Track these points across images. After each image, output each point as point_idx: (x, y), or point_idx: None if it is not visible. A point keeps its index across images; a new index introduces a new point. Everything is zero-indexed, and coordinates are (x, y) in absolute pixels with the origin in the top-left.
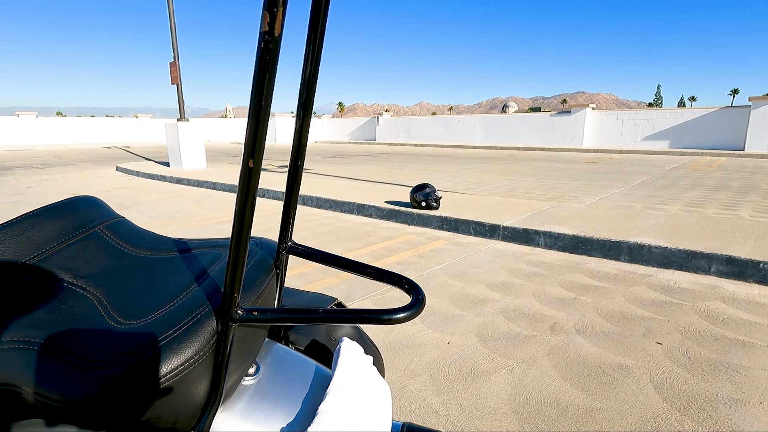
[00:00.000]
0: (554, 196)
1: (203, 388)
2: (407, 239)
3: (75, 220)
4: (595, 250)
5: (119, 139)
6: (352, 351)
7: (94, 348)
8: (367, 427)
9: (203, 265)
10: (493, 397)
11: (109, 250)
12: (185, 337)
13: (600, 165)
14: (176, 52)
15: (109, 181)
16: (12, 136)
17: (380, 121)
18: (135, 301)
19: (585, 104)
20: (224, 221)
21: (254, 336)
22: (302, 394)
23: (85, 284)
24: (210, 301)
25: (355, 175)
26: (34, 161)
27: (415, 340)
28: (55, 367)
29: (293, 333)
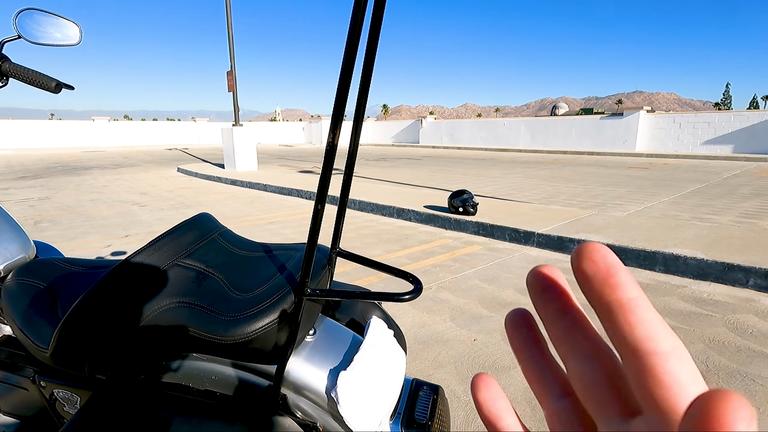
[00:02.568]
0: (596, 203)
1: (284, 337)
2: (443, 243)
3: (201, 229)
4: (629, 260)
5: (179, 141)
6: (378, 325)
7: (226, 307)
8: (386, 374)
9: (282, 261)
10: (510, 388)
11: (223, 250)
12: (275, 305)
13: (652, 171)
14: (233, 62)
15: (171, 181)
16: (88, 138)
17: (424, 124)
18: (243, 283)
19: (639, 106)
20: (273, 222)
21: (313, 309)
22: (343, 350)
23: (213, 271)
24: (289, 284)
25: (397, 179)
26: (107, 162)
27: (443, 336)
28: (207, 318)
29: (338, 312)
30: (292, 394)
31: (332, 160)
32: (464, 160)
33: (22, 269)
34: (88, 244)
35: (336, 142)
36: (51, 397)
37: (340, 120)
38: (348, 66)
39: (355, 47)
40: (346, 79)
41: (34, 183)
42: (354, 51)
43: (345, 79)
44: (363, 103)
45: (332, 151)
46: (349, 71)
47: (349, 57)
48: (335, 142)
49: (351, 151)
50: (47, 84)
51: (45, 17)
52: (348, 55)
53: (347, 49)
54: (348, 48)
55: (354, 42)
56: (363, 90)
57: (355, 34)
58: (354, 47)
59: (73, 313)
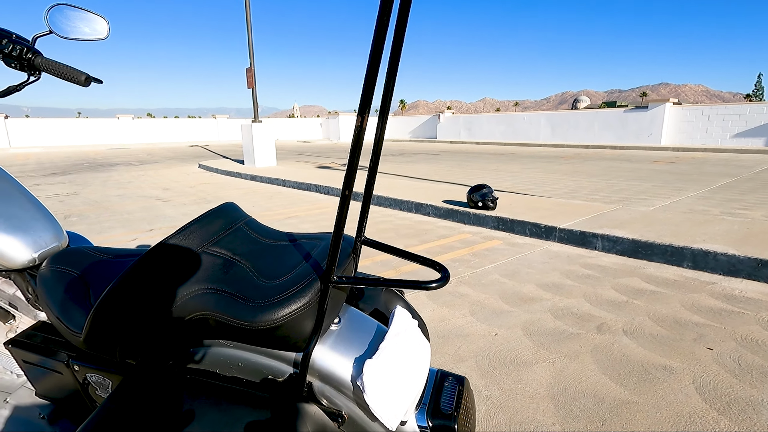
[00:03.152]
0: (620, 198)
1: (311, 324)
2: (462, 238)
3: (227, 218)
4: (656, 255)
5: (200, 138)
6: (403, 314)
7: (253, 294)
8: (411, 364)
9: (307, 250)
10: (532, 383)
11: (249, 238)
12: (301, 292)
13: (678, 165)
14: (252, 59)
15: (193, 177)
16: (113, 136)
17: (441, 119)
18: (269, 270)
19: (665, 99)
20: (292, 216)
21: (339, 297)
22: (368, 339)
23: (239, 258)
24: (314, 271)
25: (415, 174)
26: (131, 158)
27: (463, 330)
28: (235, 304)
29: (362, 302)
30: (317, 382)
31: (360, 145)
32: (482, 155)
33: (55, 257)
34: (115, 238)
35: (364, 126)
36: (84, 381)
37: (369, 102)
38: (378, 46)
39: (385, 27)
40: (375, 58)
41: (63, 179)
42: (384, 31)
43: (375, 58)
44: (390, 89)
45: (360, 134)
46: (379, 50)
47: (379, 37)
48: (363, 126)
49: (377, 137)
50: (77, 77)
51: (74, 12)
52: (378, 34)
53: (377, 29)
54: (378, 28)
55: (384, 21)
56: (390, 77)
57: (384, 14)
58: (384, 27)
59: (105, 299)
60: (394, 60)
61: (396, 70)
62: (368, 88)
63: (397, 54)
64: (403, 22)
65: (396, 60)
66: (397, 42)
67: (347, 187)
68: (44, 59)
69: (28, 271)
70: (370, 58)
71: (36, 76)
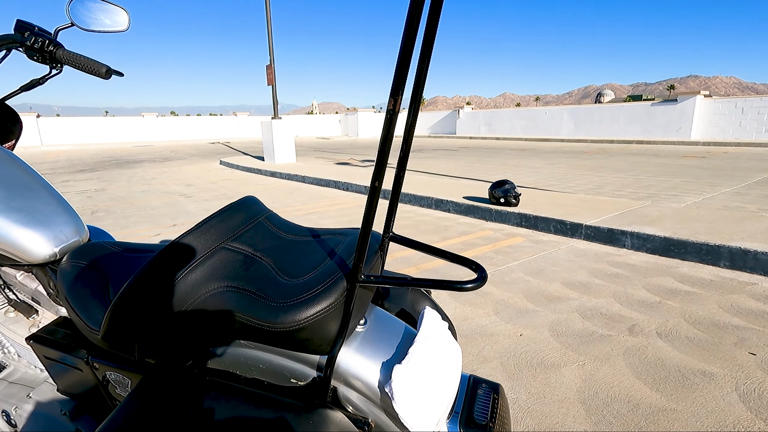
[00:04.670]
0: (648, 194)
1: (335, 326)
2: (484, 235)
3: (248, 212)
4: (689, 254)
5: (221, 135)
6: (433, 316)
7: (275, 293)
8: (442, 370)
9: (331, 247)
10: (561, 387)
11: (271, 234)
12: (326, 291)
13: (709, 160)
14: (272, 56)
15: (214, 173)
16: (139, 133)
17: (461, 114)
18: (292, 268)
19: (695, 91)
20: (311, 212)
21: (365, 297)
22: (395, 342)
23: (261, 255)
24: (340, 269)
25: (434, 170)
26: (155, 155)
27: (487, 330)
28: (256, 303)
29: (387, 302)
30: (342, 386)
31: (392, 130)
32: (503, 151)
33: (76, 252)
34: (139, 233)
35: (397, 109)
36: (103, 378)
37: (402, 82)
38: (411, 30)
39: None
40: (410, 39)
41: (91, 176)
42: (420, 9)
43: (409, 39)
44: (423, 74)
45: (392, 118)
46: (414, 29)
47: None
48: (396, 110)
49: (408, 128)
50: (98, 70)
51: (95, 3)
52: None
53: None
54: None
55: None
56: (423, 61)
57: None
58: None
59: (122, 296)
60: (428, 43)
61: (429, 55)
62: (402, 67)
63: (432, 35)
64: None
65: (430, 43)
66: (431, 21)
67: (377, 177)
68: (66, 51)
69: (49, 266)
70: (405, 37)
71: (58, 69)
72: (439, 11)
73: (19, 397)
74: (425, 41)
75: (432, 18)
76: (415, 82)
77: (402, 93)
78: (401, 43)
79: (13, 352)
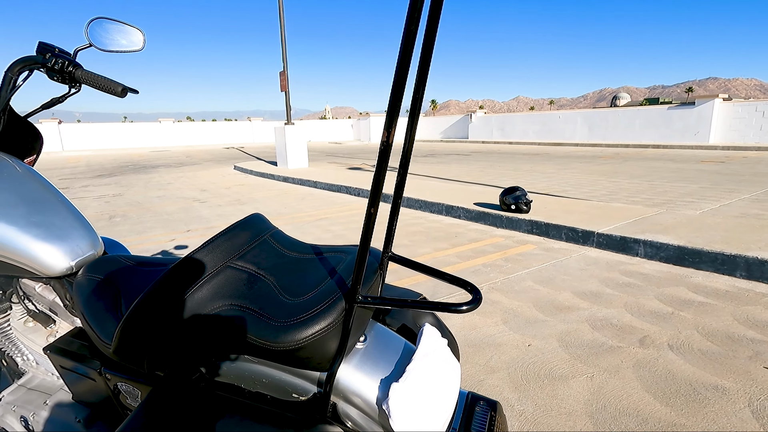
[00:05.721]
0: (664, 201)
1: (335, 344)
2: (494, 242)
3: (253, 230)
4: (704, 264)
5: (236, 140)
6: (432, 333)
7: (276, 312)
8: (440, 387)
9: (332, 265)
10: (569, 399)
11: (275, 252)
12: (325, 312)
13: (728, 165)
14: (285, 63)
15: (228, 178)
16: (155, 138)
17: (473, 119)
18: (293, 287)
19: (714, 94)
20: (323, 218)
21: (364, 315)
22: (395, 359)
23: (264, 273)
24: (339, 289)
25: (446, 175)
26: (171, 161)
27: (495, 340)
28: (258, 322)
29: (389, 318)
30: (342, 403)
31: (386, 161)
32: (516, 155)
33: (91, 266)
34: (155, 238)
35: (391, 141)
36: (115, 388)
37: (395, 117)
38: (405, 58)
39: (413, 37)
40: (402, 72)
41: (109, 181)
42: (412, 41)
43: (401, 72)
44: (420, 98)
45: (386, 150)
46: (406, 64)
47: (406, 48)
48: (390, 141)
49: (405, 150)
50: (114, 89)
51: (112, 25)
52: (405, 45)
53: (404, 39)
54: (405, 38)
55: (411, 31)
56: (420, 83)
57: (413, 23)
58: (412, 37)
59: (132, 313)
60: (424, 64)
61: (426, 76)
62: (395, 102)
63: (428, 58)
64: (434, 21)
65: (426, 65)
66: (427, 44)
67: (372, 204)
68: (84, 72)
69: (66, 279)
70: (398, 65)
71: (76, 88)
72: (433, 38)
73: (36, 403)
74: (421, 67)
75: (426, 47)
76: (412, 104)
77: (395, 126)
78: (393, 81)
79: (32, 360)
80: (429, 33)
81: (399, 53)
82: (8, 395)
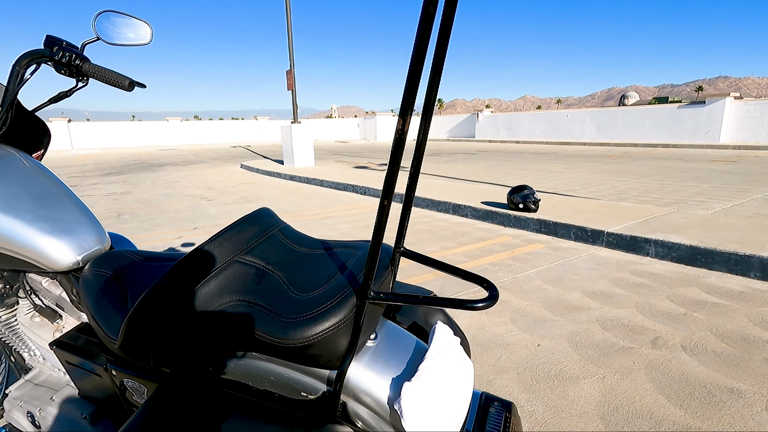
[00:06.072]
0: (674, 200)
1: (345, 342)
2: (502, 241)
3: (262, 224)
4: (717, 264)
5: (242, 138)
6: (444, 331)
7: (285, 308)
8: (453, 387)
9: (342, 260)
10: (580, 401)
11: (283, 246)
12: (336, 308)
13: (740, 165)
14: (292, 61)
15: (235, 177)
16: (163, 137)
17: (480, 118)
18: (303, 282)
19: (725, 93)
20: (329, 216)
21: (375, 312)
22: (406, 357)
23: (273, 268)
24: (350, 285)
25: (452, 174)
26: (178, 159)
27: (504, 339)
28: (267, 318)
29: (399, 315)
30: (351, 401)
31: (401, 151)
32: (523, 155)
33: (97, 260)
34: (162, 236)
35: (406, 130)
36: (121, 384)
37: (411, 105)
38: (422, 45)
39: (431, 19)
40: (419, 58)
41: (117, 179)
42: (429, 27)
43: (418, 58)
44: (435, 87)
45: (401, 140)
46: (423, 49)
47: (423, 33)
48: (405, 130)
49: (420, 140)
50: (121, 82)
51: (120, 18)
52: (422, 30)
53: (421, 25)
54: (422, 24)
55: (430, 12)
56: (434, 75)
57: (431, 3)
58: (430, 19)
59: (138, 307)
60: (439, 56)
61: (441, 68)
62: (411, 87)
63: (443, 48)
64: (450, 14)
65: (441, 56)
66: (443, 35)
67: (386, 196)
68: (91, 65)
69: (72, 273)
70: (414, 53)
71: (84, 82)
72: (449, 27)
73: (43, 399)
74: (435, 59)
75: (443, 36)
76: (426, 98)
77: (411, 112)
78: (410, 63)
79: (39, 355)
80: (446, 19)
81: (416, 33)
82: (15, 390)
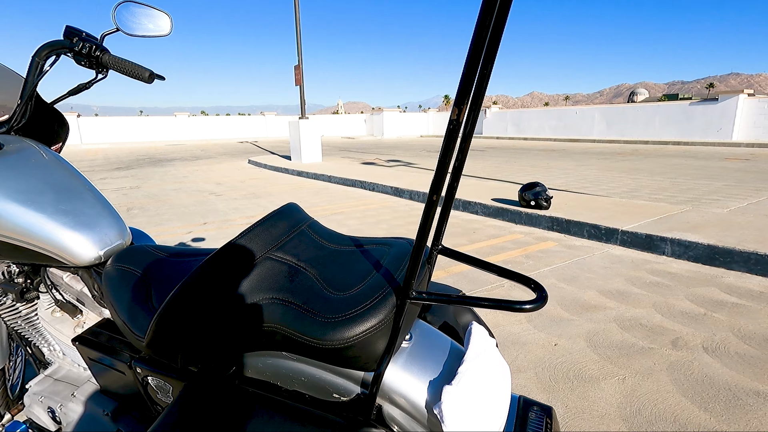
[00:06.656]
0: (688, 198)
1: (383, 343)
2: (514, 238)
3: (291, 220)
4: (736, 263)
5: (250, 134)
6: (481, 332)
7: (321, 307)
8: (493, 391)
9: (376, 258)
10: (601, 402)
11: (314, 243)
12: (376, 307)
13: (754, 163)
14: (300, 57)
15: (243, 172)
16: (171, 132)
17: (487, 114)
18: (337, 280)
19: (738, 90)
20: (338, 212)
21: (413, 313)
22: (442, 359)
23: (305, 266)
24: (388, 284)
25: None
26: (186, 154)
27: (520, 338)
28: (302, 318)
29: (430, 315)
30: (387, 404)
31: (454, 141)
32: (531, 152)
33: (120, 255)
34: (172, 230)
35: (461, 120)
36: (145, 382)
37: (468, 93)
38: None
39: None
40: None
41: (126, 173)
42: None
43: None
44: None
45: (455, 129)
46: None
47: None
48: (460, 121)
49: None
50: (141, 74)
51: (139, 8)
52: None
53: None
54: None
55: None
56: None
57: None
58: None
59: (168, 305)
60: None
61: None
62: (469, 73)
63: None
64: None
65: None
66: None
67: (435, 191)
68: (111, 56)
69: (94, 268)
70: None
71: (104, 74)
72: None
73: (63, 395)
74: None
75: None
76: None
77: (468, 102)
78: (469, 50)
79: (59, 350)
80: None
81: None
82: (35, 386)
